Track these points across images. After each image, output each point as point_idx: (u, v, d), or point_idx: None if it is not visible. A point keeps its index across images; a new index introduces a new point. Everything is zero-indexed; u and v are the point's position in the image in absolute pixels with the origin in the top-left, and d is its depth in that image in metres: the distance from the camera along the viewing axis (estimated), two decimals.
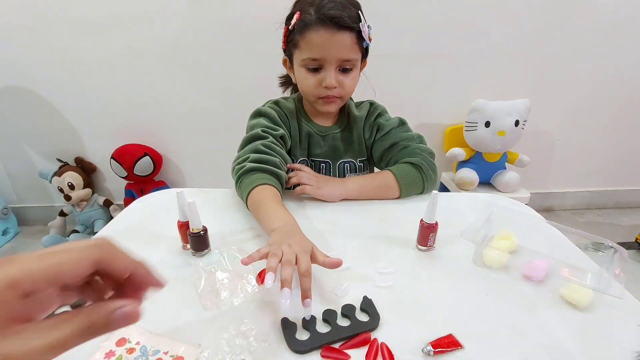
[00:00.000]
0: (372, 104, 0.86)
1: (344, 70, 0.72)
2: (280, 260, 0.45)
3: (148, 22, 1.54)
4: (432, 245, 0.57)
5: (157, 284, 0.26)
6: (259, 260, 0.46)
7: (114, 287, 0.25)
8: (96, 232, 0.68)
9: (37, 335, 0.20)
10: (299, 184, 0.74)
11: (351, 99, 0.86)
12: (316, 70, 0.72)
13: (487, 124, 1.62)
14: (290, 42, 0.73)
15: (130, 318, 0.23)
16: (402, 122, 0.83)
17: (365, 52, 0.76)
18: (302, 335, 0.41)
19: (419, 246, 0.58)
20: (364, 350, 0.39)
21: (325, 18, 0.66)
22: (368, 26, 0.72)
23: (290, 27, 0.71)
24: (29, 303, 0.20)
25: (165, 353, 0.38)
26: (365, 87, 0.83)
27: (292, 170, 0.76)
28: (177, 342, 0.40)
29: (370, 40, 0.73)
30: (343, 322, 0.43)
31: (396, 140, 0.80)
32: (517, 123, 1.61)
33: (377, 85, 0.86)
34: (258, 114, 0.80)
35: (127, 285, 0.25)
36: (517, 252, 0.57)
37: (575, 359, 0.39)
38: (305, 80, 0.74)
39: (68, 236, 1.71)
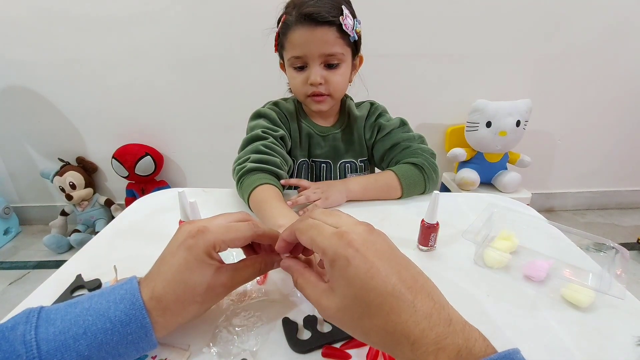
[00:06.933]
0: (372, 104, 0.86)
1: (330, 66, 0.72)
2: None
3: (150, 22, 1.55)
4: (433, 245, 0.57)
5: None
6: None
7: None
8: (97, 232, 0.68)
9: (243, 271, 0.39)
10: (298, 188, 0.73)
11: (351, 99, 0.86)
12: (302, 68, 0.73)
13: (488, 124, 1.62)
14: (279, 44, 0.75)
15: (277, 265, 0.41)
16: (403, 123, 0.83)
17: (356, 48, 0.75)
18: (303, 334, 0.41)
19: (420, 246, 0.58)
20: (364, 350, 0.39)
21: (303, 16, 0.67)
22: (356, 20, 0.72)
23: (278, 30, 0.74)
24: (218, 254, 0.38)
25: (153, 358, 0.38)
26: (359, 87, 0.83)
27: (294, 186, 0.75)
28: (164, 346, 0.39)
29: (357, 34, 0.73)
30: None
31: (397, 141, 0.80)
32: (518, 123, 1.61)
33: (377, 85, 0.86)
34: (258, 115, 0.80)
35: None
36: (518, 253, 0.57)
37: (576, 359, 0.39)
38: (293, 80, 0.75)
39: (69, 236, 1.71)
